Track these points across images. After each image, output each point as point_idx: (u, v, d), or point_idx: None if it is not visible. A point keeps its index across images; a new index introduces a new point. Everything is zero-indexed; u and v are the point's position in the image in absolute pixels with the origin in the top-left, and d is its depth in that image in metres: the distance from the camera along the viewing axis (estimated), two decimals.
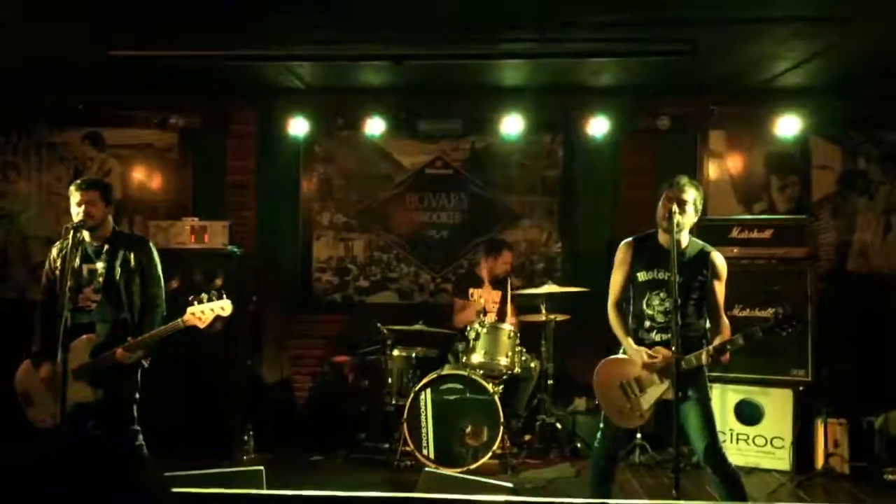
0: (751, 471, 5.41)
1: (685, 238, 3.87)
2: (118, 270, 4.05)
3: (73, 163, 6.84)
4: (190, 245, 5.80)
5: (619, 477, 5.14)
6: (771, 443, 5.50)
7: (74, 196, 4.02)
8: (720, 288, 3.87)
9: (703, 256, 3.86)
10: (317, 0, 4.45)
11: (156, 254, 4.19)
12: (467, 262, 6.87)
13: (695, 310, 3.85)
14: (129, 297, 4.06)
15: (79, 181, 4.07)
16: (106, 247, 4.07)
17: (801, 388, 5.46)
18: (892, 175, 6.54)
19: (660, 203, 3.81)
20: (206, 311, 3.96)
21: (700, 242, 3.93)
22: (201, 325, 3.97)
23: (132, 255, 4.08)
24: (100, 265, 4.05)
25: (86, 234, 4.05)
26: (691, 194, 3.79)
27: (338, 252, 7.01)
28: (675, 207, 3.70)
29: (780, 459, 5.46)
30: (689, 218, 3.79)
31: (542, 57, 5.47)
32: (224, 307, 3.99)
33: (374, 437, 5.88)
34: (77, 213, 3.99)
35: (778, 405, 5.49)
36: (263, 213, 6.91)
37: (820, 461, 5.41)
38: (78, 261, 4.00)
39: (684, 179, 3.82)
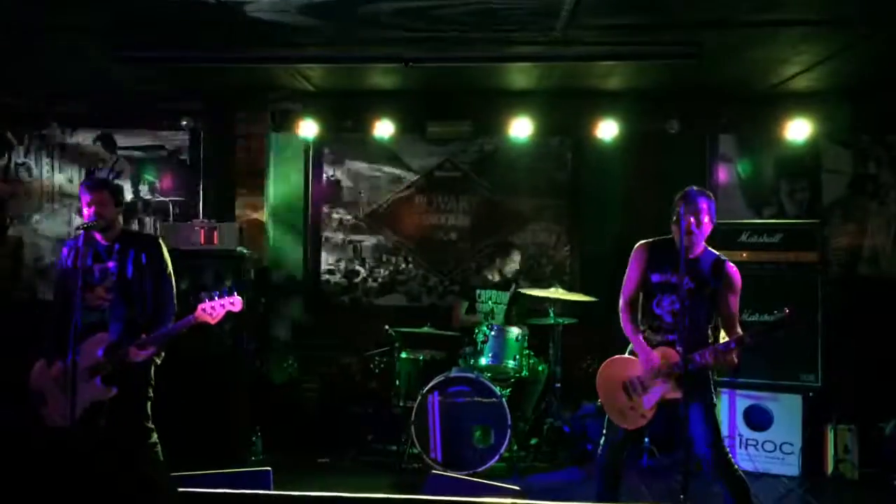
0: (760, 476, 5.39)
1: (700, 247, 3.88)
2: (130, 269, 4.07)
3: (85, 164, 6.89)
4: (200, 246, 5.82)
5: (628, 481, 5.13)
6: (780, 448, 5.47)
7: (84, 196, 4.05)
8: (735, 300, 3.89)
9: (718, 266, 3.88)
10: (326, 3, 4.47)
11: (166, 252, 4.22)
12: (476, 265, 6.87)
13: (704, 315, 3.86)
14: (141, 296, 4.08)
15: (88, 181, 4.11)
16: (117, 246, 4.10)
17: (810, 394, 5.45)
18: None
19: (673, 215, 3.81)
20: (217, 307, 3.99)
21: (716, 253, 3.94)
22: (212, 322, 4.00)
23: (143, 254, 4.11)
24: (111, 264, 4.08)
25: (98, 235, 4.07)
26: (703, 204, 3.80)
27: (346, 254, 7.03)
28: (692, 219, 3.71)
29: (790, 465, 5.43)
30: (703, 228, 3.82)
31: (551, 60, 5.46)
32: (234, 303, 4.04)
33: (382, 439, 5.89)
34: (87, 213, 4.02)
35: (787, 410, 5.47)
36: (273, 214, 6.93)
37: (829, 467, 5.39)
38: (90, 260, 4.03)
39: (695, 190, 3.83)
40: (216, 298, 4.00)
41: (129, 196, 6.80)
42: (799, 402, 5.44)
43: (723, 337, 3.89)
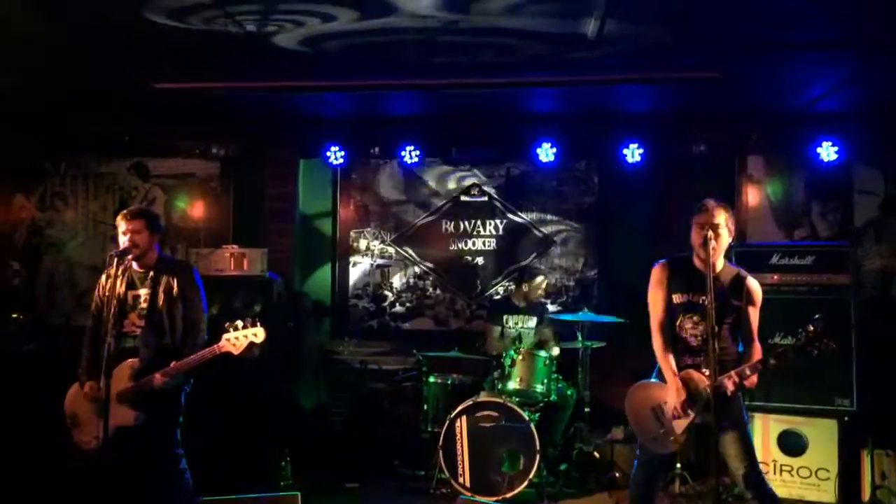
0: (795, 503, 5.27)
1: (720, 262, 3.83)
2: (161, 297, 4.12)
3: (119, 192, 7.03)
4: (230, 272, 5.89)
5: None
6: (815, 474, 5.35)
7: (121, 225, 4.13)
8: (754, 314, 3.82)
9: (739, 282, 3.81)
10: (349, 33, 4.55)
11: (199, 280, 4.27)
12: (503, 289, 6.87)
13: (728, 334, 3.80)
14: (171, 323, 4.13)
15: (126, 211, 4.19)
16: (150, 273, 4.16)
17: (845, 418, 5.33)
18: None
19: (692, 229, 3.78)
20: (241, 337, 4.01)
21: (735, 268, 3.89)
22: (236, 352, 4.02)
23: (175, 281, 4.16)
24: (143, 291, 4.14)
25: (133, 262, 4.14)
26: (722, 216, 3.76)
27: (374, 278, 7.07)
28: (709, 233, 3.67)
29: (826, 491, 5.30)
30: (723, 241, 3.76)
31: (575, 84, 5.49)
32: (257, 334, 4.04)
33: (410, 464, 5.87)
34: (123, 241, 4.10)
35: (822, 435, 5.35)
36: (301, 240, 7.02)
37: (866, 493, 5.25)
38: (124, 287, 4.10)
39: (712, 202, 3.79)
40: (240, 329, 4.02)
41: (161, 222, 6.90)
42: (834, 427, 5.32)
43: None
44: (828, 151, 6.20)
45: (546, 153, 6.48)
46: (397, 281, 7.05)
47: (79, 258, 7.01)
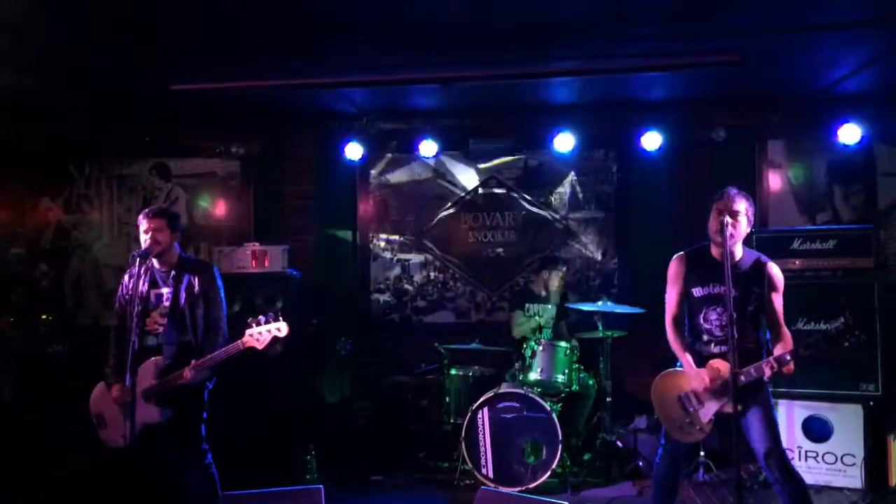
0: (821, 489, 5.25)
1: (739, 250, 3.81)
2: (183, 295, 4.19)
3: (142, 193, 7.13)
4: (251, 269, 5.96)
5: (683, 495, 5.06)
6: (841, 460, 5.32)
7: (143, 224, 4.19)
8: (778, 299, 3.80)
9: (759, 268, 3.79)
10: (366, 26, 4.57)
11: (219, 278, 4.33)
12: (523, 280, 6.87)
13: (752, 322, 3.79)
14: (193, 321, 4.19)
15: (147, 210, 4.25)
16: (173, 272, 4.23)
17: (871, 404, 5.28)
18: None
19: (711, 216, 3.77)
20: (264, 332, 4.06)
21: (755, 253, 3.87)
22: (259, 347, 4.07)
23: (197, 280, 4.22)
24: (166, 290, 4.20)
25: (154, 261, 4.21)
26: (742, 204, 3.74)
27: (395, 272, 7.11)
28: (727, 219, 3.65)
29: (852, 477, 5.26)
30: (741, 229, 3.74)
31: (591, 73, 5.46)
32: (280, 329, 4.09)
33: (434, 456, 5.91)
34: (145, 240, 4.16)
35: (847, 421, 5.31)
36: (321, 236, 7.07)
37: (893, 479, 5.21)
38: (146, 286, 4.17)
39: (734, 190, 3.78)
40: (263, 324, 4.07)
41: (183, 222, 6.98)
42: (860, 412, 5.28)
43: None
44: (850, 133, 6.12)
45: (564, 143, 6.46)
46: (418, 274, 7.08)
47: (105, 259, 7.12)
